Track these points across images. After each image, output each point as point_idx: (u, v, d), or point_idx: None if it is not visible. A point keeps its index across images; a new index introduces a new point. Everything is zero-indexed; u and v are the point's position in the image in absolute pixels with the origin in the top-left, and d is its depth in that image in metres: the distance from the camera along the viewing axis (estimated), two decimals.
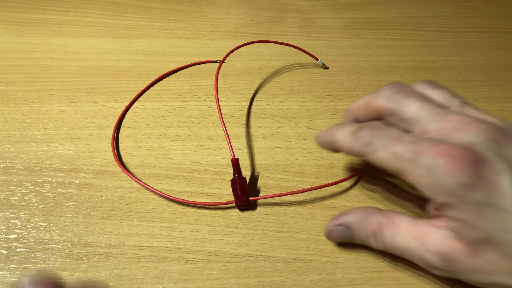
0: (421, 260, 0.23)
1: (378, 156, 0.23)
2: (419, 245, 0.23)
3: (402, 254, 0.24)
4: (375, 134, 0.23)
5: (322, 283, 0.26)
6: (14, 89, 0.37)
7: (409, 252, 0.23)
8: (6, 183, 0.31)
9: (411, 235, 0.23)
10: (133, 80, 0.38)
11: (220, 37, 0.43)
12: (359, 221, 0.25)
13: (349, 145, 0.25)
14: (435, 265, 0.22)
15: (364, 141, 0.24)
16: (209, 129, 0.35)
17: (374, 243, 0.25)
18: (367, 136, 0.24)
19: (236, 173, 0.29)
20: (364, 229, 0.25)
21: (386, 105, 0.25)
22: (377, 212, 0.25)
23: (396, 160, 0.22)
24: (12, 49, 0.41)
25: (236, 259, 0.27)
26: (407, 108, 0.24)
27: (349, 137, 0.25)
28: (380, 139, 0.23)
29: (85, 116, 0.35)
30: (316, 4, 0.47)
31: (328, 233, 0.27)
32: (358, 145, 0.24)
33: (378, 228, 0.24)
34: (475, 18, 0.46)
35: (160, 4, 0.47)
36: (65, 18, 0.44)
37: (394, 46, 0.42)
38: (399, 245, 0.24)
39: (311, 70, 0.40)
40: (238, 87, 0.38)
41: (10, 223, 0.29)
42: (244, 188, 0.29)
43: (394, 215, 0.25)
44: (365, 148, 0.24)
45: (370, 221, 0.25)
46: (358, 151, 0.24)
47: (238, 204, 0.29)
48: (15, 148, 0.33)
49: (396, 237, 0.24)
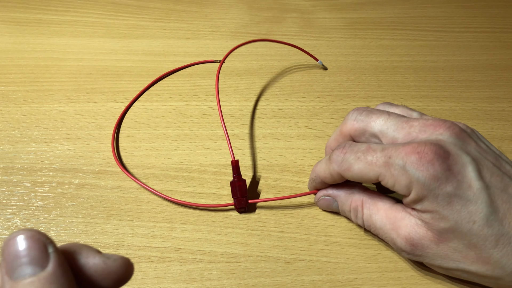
0: (392, 241, 0.25)
1: (355, 169, 0.24)
2: (392, 228, 0.25)
3: (377, 232, 0.26)
4: (346, 151, 0.25)
5: (322, 283, 0.26)
6: (13, 89, 0.37)
7: (383, 233, 0.25)
8: (6, 183, 0.31)
9: (387, 217, 0.25)
10: (133, 80, 0.38)
11: (220, 37, 0.43)
12: (345, 196, 0.27)
13: (328, 171, 0.26)
14: (402, 248, 0.24)
15: (338, 160, 0.25)
16: (209, 129, 0.35)
17: (354, 219, 0.27)
18: (340, 155, 0.25)
19: (236, 175, 0.29)
20: (348, 203, 0.27)
21: (355, 126, 0.26)
22: (362, 190, 0.27)
23: (371, 168, 0.24)
24: (11, 49, 0.41)
25: (236, 260, 0.27)
26: (374, 123, 0.26)
27: (325, 165, 0.26)
28: (352, 153, 0.25)
29: (85, 116, 0.35)
30: (316, 4, 0.47)
31: (317, 201, 0.29)
32: (335, 167, 0.25)
33: (360, 205, 0.26)
34: (475, 18, 0.46)
35: (160, 4, 0.47)
36: (64, 18, 0.44)
37: (394, 46, 0.42)
38: (375, 224, 0.26)
39: (311, 70, 0.40)
40: (238, 87, 0.38)
41: (10, 223, 0.29)
42: (244, 190, 0.29)
43: (377, 196, 0.26)
44: (341, 166, 0.25)
45: (354, 197, 0.27)
46: (337, 172, 0.25)
47: (237, 207, 0.29)
48: (15, 148, 0.33)
49: (373, 217, 0.26)
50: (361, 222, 0.27)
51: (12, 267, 0.14)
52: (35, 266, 0.14)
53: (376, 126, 0.26)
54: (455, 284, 0.26)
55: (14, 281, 0.14)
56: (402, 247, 0.24)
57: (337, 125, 0.35)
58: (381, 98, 0.37)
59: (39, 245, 0.14)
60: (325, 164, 0.26)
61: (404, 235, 0.24)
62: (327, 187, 0.28)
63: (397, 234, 0.24)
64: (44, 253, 0.14)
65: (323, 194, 0.28)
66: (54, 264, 0.14)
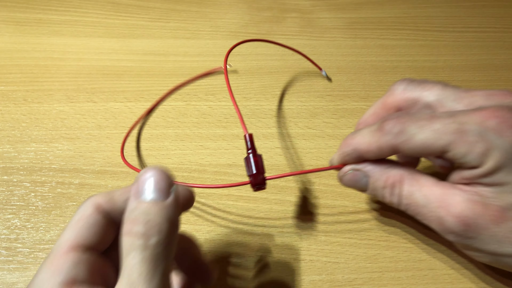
0: (438, 221, 0.22)
1: (417, 140, 0.21)
2: (439, 205, 0.21)
3: (417, 212, 0.23)
4: (405, 121, 0.22)
5: (322, 283, 0.26)
6: (13, 89, 0.37)
7: (427, 211, 0.22)
8: (5, 183, 0.31)
9: (432, 193, 0.22)
10: (133, 80, 0.38)
11: (220, 37, 0.43)
12: (380, 171, 0.24)
13: (377, 144, 0.22)
14: (452, 228, 0.21)
15: (395, 130, 0.22)
16: (208, 129, 0.34)
17: (388, 196, 0.24)
18: (397, 125, 0.22)
19: (251, 150, 0.25)
20: (383, 179, 0.23)
21: (405, 95, 0.24)
22: (399, 165, 0.24)
23: (439, 136, 0.21)
24: (11, 49, 0.41)
25: (235, 259, 0.27)
26: (428, 93, 0.23)
27: (373, 137, 0.23)
28: (413, 123, 0.21)
29: (85, 116, 0.35)
30: (316, 4, 0.47)
31: (342, 175, 0.25)
32: (389, 139, 0.22)
33: (398, 181, 0.23)
34: (475, 18, 0.46)
35: (160, 4, 0.46)
36: (64, 18, 0.44)
37: (394, 46, 0.42)
38: (417, 202, 0.22)
39: (311, 70, 0.40)
40: (238, 87, 0.38)
41: (9, 223, 0.29)
42: (260, 166, 0.25)
43: (417, 172, 0.23)
44: (399, 138, 0.22)
45: (392, 172, 0.23)
46: (391, 145, 0.22)
47: (253, 184, 0.25)
48: (14, 148, 0.33)
49: (415, 194, 0.22)
50: (397, 200, 0.23)
51: (141, 191, 0.17)
52: (159, 195, 0.17)
53: (431, 95, 0.23)
54: (456, 284, 0.26)
55: (138, 202, 0.17)
56: (452, 227, 0.21)
57: (337, 125, 0.35)
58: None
59: (166, 181, 0.18)
60: (372, 135, 0.23)
61: (456, 213, 0.21)
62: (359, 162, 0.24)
63: (447, 212, 0.21)
64: (168, 188, 0.18)
65: (351, 168, 0.24)
66: (172, 199, 0.17)
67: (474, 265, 0.27)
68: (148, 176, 0.17)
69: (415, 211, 0.23)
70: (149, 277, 0.16)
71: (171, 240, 0.17)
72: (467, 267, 0.27)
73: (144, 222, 0.17)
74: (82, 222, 0.18)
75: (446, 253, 0.27)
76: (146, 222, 0.17)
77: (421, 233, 0.28)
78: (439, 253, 0.27)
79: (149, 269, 0.16)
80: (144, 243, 0.16)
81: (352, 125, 0.35)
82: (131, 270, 0.16)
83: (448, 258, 0.27)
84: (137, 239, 0.16)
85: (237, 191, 0.30)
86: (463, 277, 0.26)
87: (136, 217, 0.17)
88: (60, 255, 0.17)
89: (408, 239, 0.28)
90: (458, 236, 0.22)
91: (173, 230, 0.17)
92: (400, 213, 0.29)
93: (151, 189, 0.17)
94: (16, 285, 0.26)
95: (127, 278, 0.16)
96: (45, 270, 0.17)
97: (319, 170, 0.26)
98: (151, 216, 0.17)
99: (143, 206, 0.17)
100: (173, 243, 0.17)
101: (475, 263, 0.27)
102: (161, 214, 0.17)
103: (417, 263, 0.27)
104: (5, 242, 0.28)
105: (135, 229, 0.16)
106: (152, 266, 0.16)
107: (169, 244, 0.17)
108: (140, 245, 0.16)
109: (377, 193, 0.24)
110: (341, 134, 0.34)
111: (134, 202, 0.17)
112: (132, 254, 0.16)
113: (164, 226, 0.17)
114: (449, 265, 0.27)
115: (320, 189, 0.31)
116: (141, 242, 0.16)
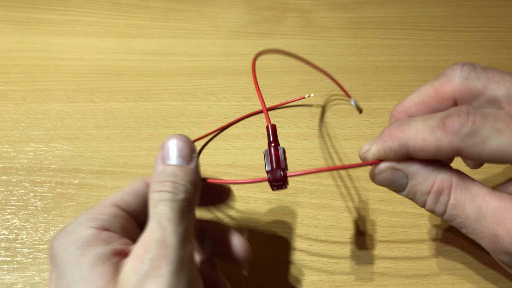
0: (492, 239, 0.19)
1: (492, 146, 0.18)
2: (495, 221, 0.19)
3: (466, 225, 0.20)
4: (476, 120, 0.18)
5: (322, 283, 0.26)
6: (13, 88, 0.37)
7: (479, 226, 0.19)
8: (5, 183, 0.31)
9: (487, 206, 0.19)
10: (132, 80, 0.38)
11: (220, 36, 0.43)
12: (426, 173, 0.20)
13: (436, 144, 0.19)
14: (509, 249, 0.19)
15: (464, 131, 0.18)
16: (208, 129, 0.34)
17: (432, 204, 0.20)
18: (466, 124, 0.18)
19: (273, 143, 0.22)
20: (428, 184, 0.20)
21: (466, 86, 0.20)
22: (449, 168, 0.20)
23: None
24: (10, 49, 0.41)
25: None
26: (497, 85, 0.20)
27: (431, 134, 0.19)
28: (487, 122, 0.18)
29: (84, 116, 0.35)
30: (316, 4, 0.47)
31: (377, 172, 0.21)
32: (453, 140, 0.18)
33: (446, 187, 0.20)
34: (475, 17, 0.46)
35: (160, 3, 0.46)
36: (64, 18, 0.44)
37: (394, 45, 0.42)
38: (468, 215, 0.19)
39: (311, 70, 0.40)
40: (238, 87, 0.38)
41: (9, 223, 0.29)
42: (282, 161, 0.22)
43: (468, 178, 0.20)
44: (466, 141, 0.18)
45: (439, 176, 0.20)
46: (455, 147, 0.18)
47: (271, 181, 0.21)
48: (14, 148, 0.33)
49: (466, 205, 0.19)
50: (442, 209, 0.20)
51: (167, 155, 0.20)
52: (183, 160, 0.20)
53: (500, 88, 0.19)
54: (456, 285, 0.26)
55: (164, 165, 0.20)
56: (509, 248, 0.18)
57: (338, 125, 0.35)
58: (381, 97, 0.37)
59: (189, 148, 0.20)
60: (430, 132, 0.19)
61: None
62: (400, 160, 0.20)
63: (506, 231, 0.18)
64: (191, 155, 0.20)
65: (390, 166, 0.20)
66: (194, 164, 0.20)
67: (475, 266, 0.27)
68: (172, 143, 0.20)
69: (463, 224, 0.20)
70: (177, 222, 0.18)
71: (194, 199, 0.20)
72: (467, 267, 0.27)
73: (171, 182, 0.19)
74: (131, 189, 0.21)
75: (447, 253, 0.27)
76: (174, 183, 0.19)
77: (421, 233, 0.28)
78: (440, 253, 0.27)
79: (177, 216, 0.18)
80: (173, 197, 0.19)
81: (353, 125, 0.35)
82: (161, 215, 0.18)
83: (448, 259, 0.27)
84: (167, 193, 0.19)
85: (237, 191, 0.30)
86: (463, 277, 0.26)
87: (164, 178, 0.19)
88: (103, 206, 0.20)
89: (409, 240, 0.28)
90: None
91: (195, 190, 0.20)
92: (400, 213, 0.29)
93: (175, 154, 0.20)
94: (16, 285, 0.26)
95: (156, 221, 0.18)
96: (86, 214, 0.20)
97: (351, 166, 0.22)
98: (177, 178, 0.19)
99: (170, 169, 0.19)
100: (196, 202, 0.20)
101: (475, 263, 0.27)
102: (185, 176, 0.19)
103: (417, 264, 0.27)
104: (4, 242, 0.28)
105: (163, 187, 0.19)
106: (179, 214, 0.18)
107: (193, 202, 0.19)
108: (169, 197, 0.19)
109: (416, 197, 0.21)
110: (341, 134, 0.34)
111: (161, 166, 0.20)
112: (161, 204, 0.18)
113: (188, 187, 0.19)
114: (450, 266, 0.27)
115: (320, 189, 0.31)
116: (170, 196, 0.19)
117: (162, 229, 0.18)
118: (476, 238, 0.20)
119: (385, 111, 0.36)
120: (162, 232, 0.18)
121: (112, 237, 0.19)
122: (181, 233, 0.18)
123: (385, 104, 0.37)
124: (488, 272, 0.26)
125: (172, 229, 0.18)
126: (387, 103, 0.37)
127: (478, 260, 0.27)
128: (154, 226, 0.18)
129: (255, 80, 0.26)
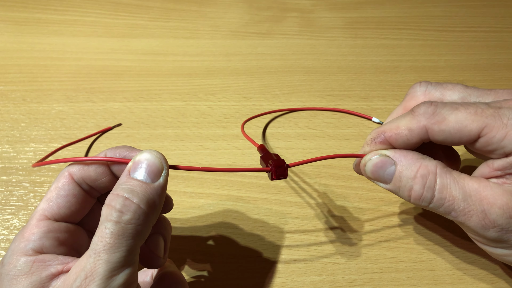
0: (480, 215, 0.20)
1: (451, 120, 0.21)
2: (480, 198, 0.20)
3: (453, 207, 0.21)
4: (438, 104, 0.21)
5: (322, 284, 0.26)
6: (12, 88, 0.37)
7: (466, 205, 0.21)
8: (5, 184, 0.31)
9: (469, 187, 0.21)
10: (132, 80, 0.38)
11: (220, 36, 0.43)
12: (412, 159, 0.22)
13: (407, 126, 0.22)
14: (497, 221, 0.20)
15: (428, 111, 0.21)
16: (208, 129, 0.34)
17: (419, 189, 0.21)
18: (430, 107, 0.21)
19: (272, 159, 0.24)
20: (414, 169, 0.21)
21: (427, 96, 0.24)
22: (433, 159, 0.22)
23: (475, 118, 0.20)
24: (10, 49, 0.41)
25: (236, 260, 0.27)
26: (451, 92, 0.23)
27: (402, 119, 0.22)
28: (446, 105, 0.21)
29: (84, 116, 0.35)
30: (316, 3, 0.47)
31: (367, 160, 0.23)
32: (422, 119, 0.21)
33: (432, 172, 0.21)
34: (476, 17, 0.46)
35: (160, 3, 0.46)
36: (64, 18, 0.44)
37: (394, 45, 0.42)
38: (453, 195, 0.21)
39: (311, 70, 0.40)
40: (238, 87, 0.38)
41: (9, 223, 0.29)
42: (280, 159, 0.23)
43: (449, 168, 0.22)
44: (432, 118, 0.21)
45: (425, 162, 0.22)
46: (423, 126, 0.21)
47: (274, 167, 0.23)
48: (14, 148, 0.33)
49: (452, 187, 0.21)
50: (431, 193, 0.21)
51: (135, 168, 0.19)
52: (148, 176, 0.19)
53: (454, 94, 0.23)
54: (457, 285, 0.26)
55: (128, 177, 0.19)
56: (497, 219, 0.20)
57: (337, 125, 0.35)
58: (381, 97, 0.37)
59: (159, 166, 0.19)
60: (402, 118, 0.22)
61: (501, 205, 0.20)
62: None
63: (491, 204, 0.20)
64: (159, 174, 0.19)
65: (377, 153, 0.23)
66: (159, 184, 0.19)
67: (475, 266, 0.27)
68: (144, 157, 0.19)
69: (452, 206, 0.21)
70: (113, 250, 0.17)
71: (145, 221, 0.18)
72: (467, 267, 0.27)
73: (124, 198, 0.18)
74: (55, 192, 0.20)
75: (447, 253, 0.27)
76: (126, 199, 0.18)
77: (421, 233, 0.28)
78: (440, 253, 0.27)
79: (115, 242, 0.17)
80: (118, 218, 0.17)
81: (352, 125, 0.35)
82: (99, 240, 0.17)
83: (448, 259, 0.27)
84: (114, 212, 0.17)
85: (237, 191, 0.30)
86: (463, 277, 0.26)
87: (120, 192, 0.18)
88: (32, 225, 0.19)
89: (409, 240, 0.28)
90: (500, 230, 0.20)
91: (150, 211, 0.18)
92: (400, 213, 0.29)
93: (142, 169, 0.19)
94: None
95: (93, 246, 0.17)
96: (18, 239, 0.19)
97: (343, 156, 0.24)
98: (132, 194, 0.18)
99: (131, 182, 0.18)
100: (147, 225, 0.18)
101: (475, 263, 0.27)
102: (143, 195, 0.18)
103: (417, 264, 0.27)
104: (4, 242, 0.28)
105: (114, 203, 0.18)
106: (118, 240, 0.17)
107: (141, 225, 0.18)
108: (114, 218, 0.17)
109: (403, 184, 0.22)
110: (341, 134, 0.34)
111: (124, 177, 0.19)
112: (104, 224, 0.17)
113: (141, 207, 0.18)
114: (450, 266, 0.27)
115: (320, 189, 0.31)
116: (115, 216, 0.17)
117: (95, 255, 0.17)
118: (464, 219, 0.21)
119: (385, 111, 0.36)
120: (94, 260, 0.17)
121: (48, 259, 0.18)
122: (114, 261, 0.17)
123: (385, 104, 0.37)
124: (488, 273, 0.26)
125: (104, 257, 0.17)
126: (387, 103, 0.37)
127: (478, 260, 0.27)
128: (89, 252, 0.17)
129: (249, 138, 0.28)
